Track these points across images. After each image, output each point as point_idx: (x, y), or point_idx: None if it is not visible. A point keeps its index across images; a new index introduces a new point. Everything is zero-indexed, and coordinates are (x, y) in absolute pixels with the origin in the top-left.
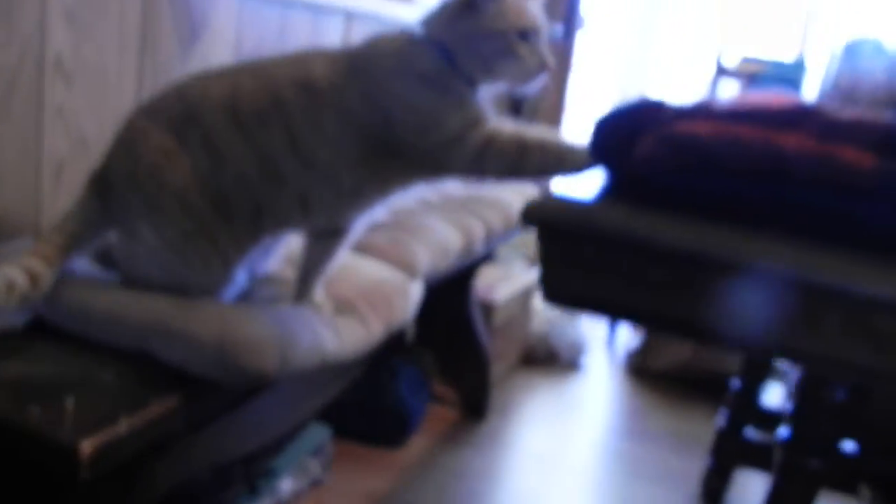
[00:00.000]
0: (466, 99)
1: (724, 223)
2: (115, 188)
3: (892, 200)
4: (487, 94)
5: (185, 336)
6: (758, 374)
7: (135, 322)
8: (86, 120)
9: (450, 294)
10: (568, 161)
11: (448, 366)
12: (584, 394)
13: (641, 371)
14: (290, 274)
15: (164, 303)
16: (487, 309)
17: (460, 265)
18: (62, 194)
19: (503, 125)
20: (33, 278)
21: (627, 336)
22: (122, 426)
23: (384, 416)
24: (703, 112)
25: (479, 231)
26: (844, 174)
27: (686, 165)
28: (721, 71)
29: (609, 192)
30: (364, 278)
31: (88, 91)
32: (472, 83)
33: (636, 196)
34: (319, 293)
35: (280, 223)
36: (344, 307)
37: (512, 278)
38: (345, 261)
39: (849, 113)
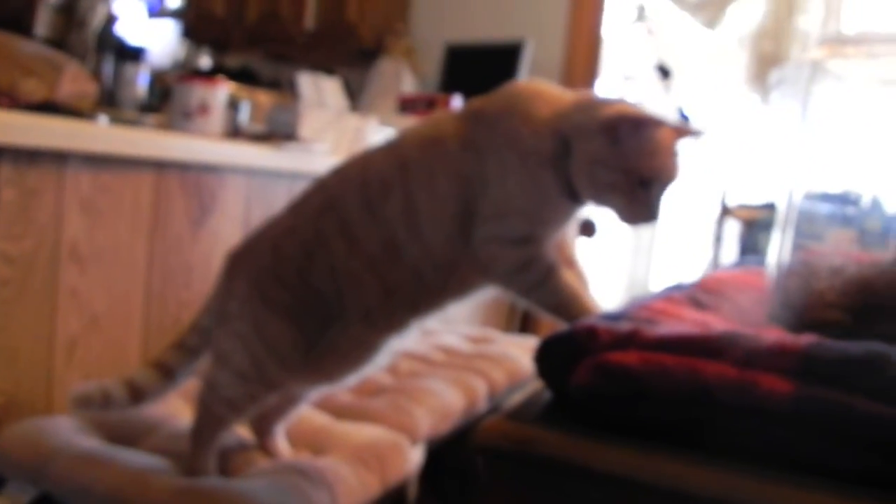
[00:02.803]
0: (554, 209)
1: (655, 446)
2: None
3: (807, 425)
4: (576, 217)
5: None
6: None
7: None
8: (98, 300)
9: (454, 447)
10: (574, 317)
11: None
12: None
13: None
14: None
15: (165, 484)
16: None
17: (464, 425)
18: (73, 371)
19: (556, 254)
20: (135, 392)
21: None
22: None
23: None
24: (634, 341)
25: (481, 390)
26: (762, 400)
27: (617, 393)
28: (725, 211)
29: (552, 411)
30: (358, 440)
31: (101, 273)
32: (574, 197)
33: (574, 419)
34: (283, 442)
35: (396, 311)
36: (338, 464)
37: None
38: (339, 428)
39: (770, 339)
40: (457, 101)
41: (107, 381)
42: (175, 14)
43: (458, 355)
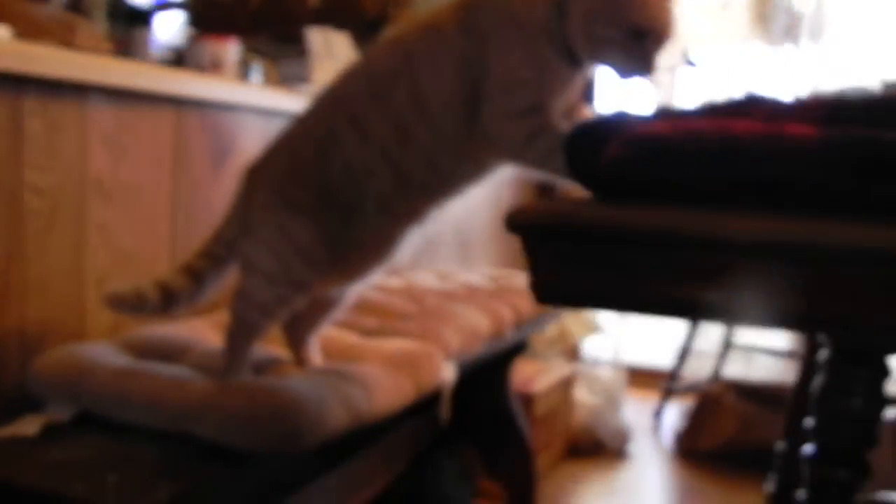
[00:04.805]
0: (556, 76)
1: (691, 207)
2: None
3: (835, 163)
4: (577, 81)
5: (217, 412)
6: (802, 435)
7: (171, 405)
8: (125, 236)
9: (487, 385)
10: None
11: (491, 459)
12: (633, 481)
13: (689, 452)
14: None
15: (197, 384)
16: (527, 400)
17: (493, 351)
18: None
19: (564, 122)
20: (167, 294)
21: (673, 418)
22: (162, 494)
23: None
24: (661, 116)
25: (508, 316)
26: (790, 144)
27: (649, 160)
28: None
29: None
30: (389, 351)
31: (127, 209)
32: (573, 58)
33: (610, 195)
34: (316, 353)
35: (414, 199)
36: (373, 369)
37: (550, 371)
38: (370, 344)
39: (791, 102)
40: None
41: (139, 283)
42: (180, 5)
43: (481, 290)
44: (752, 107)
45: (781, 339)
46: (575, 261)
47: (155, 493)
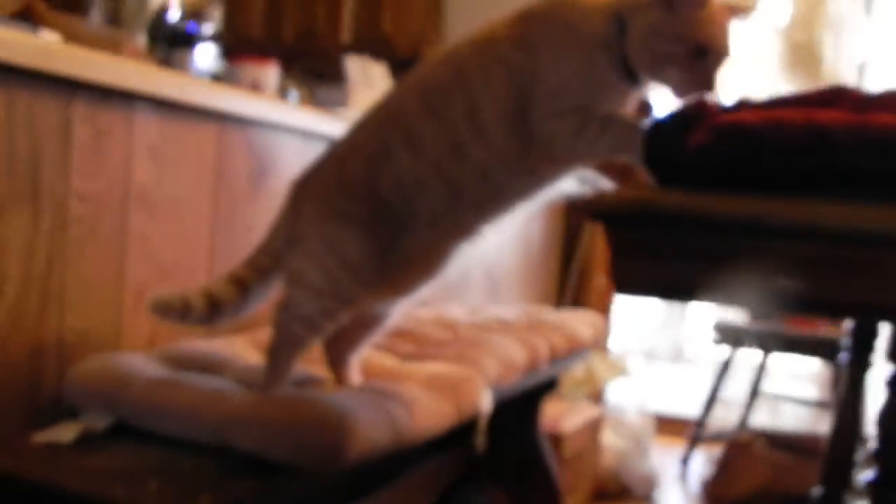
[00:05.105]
0: (610, 89)
1: (777, 196)
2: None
3: None
4: (631, 99)
5: (258, 423)
6: (840, 481)
7: (211, 417)
8: (166, 249)
9: (518, 421)
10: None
11: (519, 499)
12: None
13: (717, 500)
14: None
15: (238, 397)
16: (556, 440)
17: (527, 384)
18: (141, 317)
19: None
20: (213, 304)
21: (700, 466)
22: (204, 501)
23: None
24: (745, 105)
25: (543, 349)
26: (877, 135)
27: (736, 149)
28: None
29: (664, 185)
30: (430, 374)
31: (168, 222)
32: (630, 75)
33: (692, 183)
34: (357, 374)
35: (468, 213)
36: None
37: (578, 412)
38: (409, 367)
39: (881, 90)
40: None
41: (186, 291)
42: (213, 38)
43: (514, 325)
44: (839, 96)
45: (809, 388)
46: (661, 249)
47: (197, 500)
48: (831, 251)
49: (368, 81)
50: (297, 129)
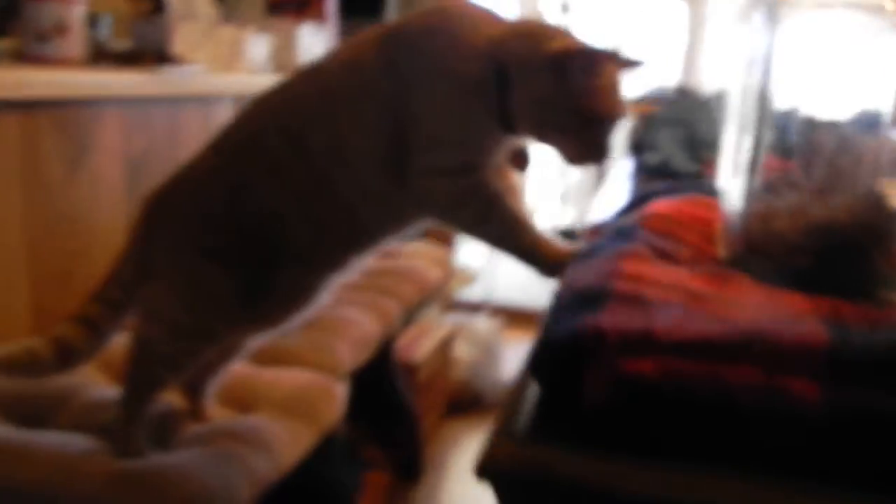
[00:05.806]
0: (488, 138)
1: (678, 464)
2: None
3: (837, 434)
4: (509, 146)
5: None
6: None
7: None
8: None
9: (371, 375)
10: (527, 252)
11: (377, 432)
12: None
13: None
14: None
15: (95, 469)
16: (410, 370)
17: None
18: None
19: (497, 182)
20: (63, 351)
21: None
22: None
23: (323, 499)
24: (648, 344)
25: (395, 311)
26: (790, 406)
27: (637, 409)
28: None
29: (558, 423)
30: (286, 390)
31: None
32: (509, 128)
33: (588, 437)
34: (212, 406)
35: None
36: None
37: (429, 332)
38: (263, 377)
39: (790, 334)
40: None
41: (30, 341)
42: None
43: (362, 285)
44: (749, 345)
45: None
46: None
47: None
48: None
49: (189, 8)
50: (115, 98)
